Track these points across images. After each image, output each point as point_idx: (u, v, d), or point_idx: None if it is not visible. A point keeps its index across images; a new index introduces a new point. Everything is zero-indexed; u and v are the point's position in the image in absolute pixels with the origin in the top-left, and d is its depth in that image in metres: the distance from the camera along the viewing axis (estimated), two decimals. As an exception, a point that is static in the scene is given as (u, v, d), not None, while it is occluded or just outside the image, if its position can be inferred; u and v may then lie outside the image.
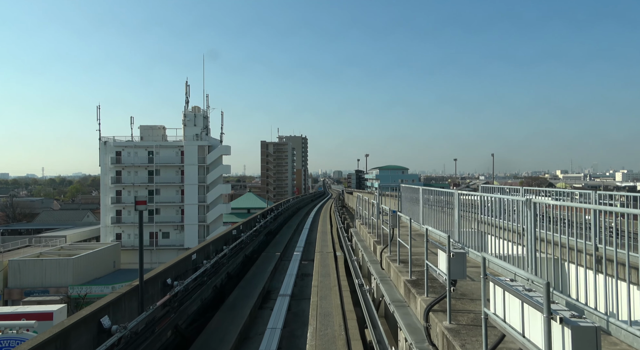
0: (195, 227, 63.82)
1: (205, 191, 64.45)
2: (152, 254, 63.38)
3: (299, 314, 11.55)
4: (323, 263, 17.06)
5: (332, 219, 32.66)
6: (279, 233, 29.68)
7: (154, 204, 63.57)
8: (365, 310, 9.41)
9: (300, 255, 21.40)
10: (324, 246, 21.57)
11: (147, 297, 9.89)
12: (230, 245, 16.99)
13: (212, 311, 11.89)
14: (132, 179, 63.66)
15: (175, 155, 64.71)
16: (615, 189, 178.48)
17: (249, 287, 13.51)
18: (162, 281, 10.69)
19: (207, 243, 15.81)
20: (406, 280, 7.32)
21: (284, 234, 28.53)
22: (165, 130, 67.62)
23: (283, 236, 27.84)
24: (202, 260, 14.28)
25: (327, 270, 15.39)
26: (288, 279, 15.34)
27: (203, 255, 14.73)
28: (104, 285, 52.13)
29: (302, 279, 16.49)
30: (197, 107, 66.29)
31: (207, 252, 15.30)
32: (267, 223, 27.31)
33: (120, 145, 63.85)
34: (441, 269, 5.88)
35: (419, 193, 14.11)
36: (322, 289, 12.32)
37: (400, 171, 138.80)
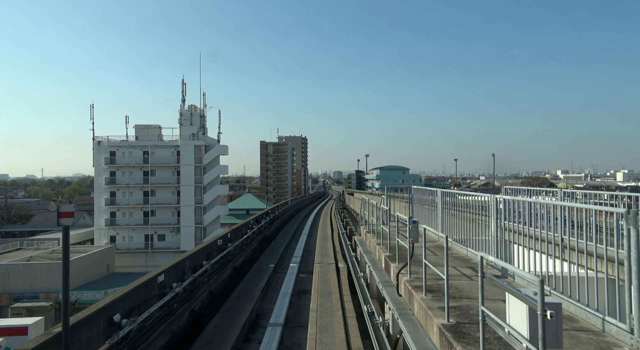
0: (191, 229, 61.62)
1: (202, 192, 62.24)
2: (148, 257, 61.20)
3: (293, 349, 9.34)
4: (323, 278, 14.69)
5: (333, 222, 31.18)
6: (275, 239, 27.04)
7: (149, 205, 61.38)
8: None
9: (298, 267, 18.96)
10: (324, 256, 19.15)
11: (77, 348, 6.51)
12: (214, 259, 14.53)
13: (186, 345, 9.56)
14: (126, 179, 61.45)
15: (171, 155, 62.49)
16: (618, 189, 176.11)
17: (233, 312, 11.17)
18: (106, 319, 7.65)
19: (182, 259, 13.07)
20: (442, 325, 5.09)
21: (281, 241, 26.10)
22: (161, 129, 65.42)
23: (279, 243, 25.30)
24: (175, 281, 11.89)
25: (328, 288, 13.02)
26: (282, 299, 12.91)
27: (176, 275, 12.21)
28: (96, 290, 49.96)
29: (298, 298, 14.10)
30: (193, 105, 64.08)
31: (182, 271, 12.74)
32: (262, 228, 24.92)
33: (115, 145, 61.64)
34: (516, 327, 3.49)
35: (437, 196, 11.86)
36: (322, 314, 10.05)
37: (401, 171, 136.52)
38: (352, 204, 52.22)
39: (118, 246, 61.03)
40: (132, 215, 61.67)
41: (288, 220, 40.00)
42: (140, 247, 61.22)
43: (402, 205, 19.20)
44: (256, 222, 22.85)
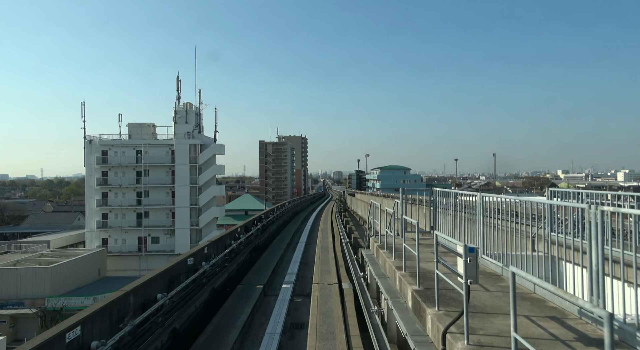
0: (186, 232, 58.73)
1: (198, 193, 59.34)
2: (141, 260, 58.35)
3: None
4: (324, 307, 11.31)
5: (334, 227, 27.87)
6: (268, 249, 23.46)
7: (142, 206, 58.49)
8: None
9: (292, 288, 15.42)
10: (324, 272, 15.94)
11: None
12: (179, 286, 10.98)
13: None
14: (119, 180, 58.55)
15: (166, 154, 59.59)
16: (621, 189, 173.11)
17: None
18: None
19: (122, 294, 8.99)
20: None
21: (274, 251, 22.36)
22: (155, 128, 62.54)
23: (272, 254, 21.56)
24: (106, 330, 7.88)
25: (330, 324, 9.74)
26: (268, 341, 9.79)
27: (108, 321, 8.17)
28: (85, 296, 47.10)
29: (291, 337, 10.85)
30: (188, 103, 61.19)
31: (122, 310, 8.67)
32: (252, 238, 21.29)
33: (107, 144, 58.74)
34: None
35: (476, 201, 8.91)
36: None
37: (402, 171, 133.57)
38: (353, 206, 49.13)
39: (110, 249, 58.27)
40: (124, 217, 58.80)
41: (285, 224, 36.70)
42: (133, 250, 58.36)
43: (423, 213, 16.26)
44: (245, 230, 19.78)
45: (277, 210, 34.03)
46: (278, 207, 36.39)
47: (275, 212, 32.82)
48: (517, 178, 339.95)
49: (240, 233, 18.99)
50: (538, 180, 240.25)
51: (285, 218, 37.57)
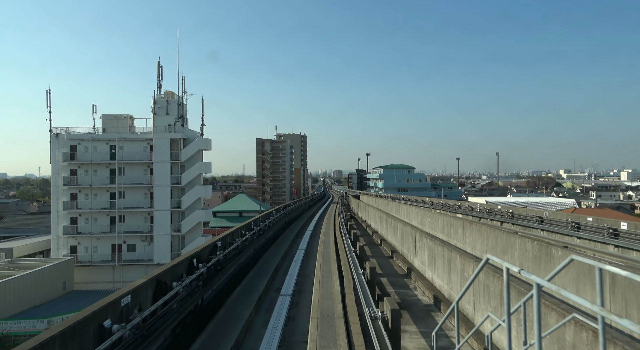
0: (167, 238, 50.45)
1: (180, 194, 51.01)
2: (115, 271, 50.04)
3: None
4: None
5: (339, 246, 17.75)
6: (225, 306, 12.16)
7: (116, 209, 50.17)
8: None
9: None
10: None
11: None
12: None
13: None
14: (89, 179, 50.26)
15: (144, 150, 51.25)
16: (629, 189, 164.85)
17: None
18: None
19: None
20: None
21: (238, 307, 11.88)
22: (133, 120, 54.21)
23: (233, 318, 10.95)
24: None
25: None
26: None
27: None
28: (38, 318, 38.69)
29: None
30: (170, 92, 52.84)
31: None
32: (208, 277, 11.41)
33: (75, 138, 50.40)
34: None
35: None
36: None
37: (406, 170, 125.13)
38: (360, 212, 40.49)
39: (79, 258, 50.03)
40: (96, 222, 50.52)
41: (272, 240, 24.78)
42: (106, 259, 50.11)
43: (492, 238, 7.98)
44: (196, 264, 10.89)
45: (265, 219, 23.10)
46: (265, 216, 25.04)
47: (260, 223, 21.65)
48: (518, 177, 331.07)
49: (184, 274, 10.11)
50: (542, 180, 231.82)
51: (272, 233, 25.57)
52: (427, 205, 42.01)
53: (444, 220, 18.38)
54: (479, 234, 13.72)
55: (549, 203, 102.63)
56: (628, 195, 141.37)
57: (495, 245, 12.16)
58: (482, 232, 13.42)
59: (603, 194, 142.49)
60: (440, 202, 39.77)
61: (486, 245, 13.01)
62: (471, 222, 15.18)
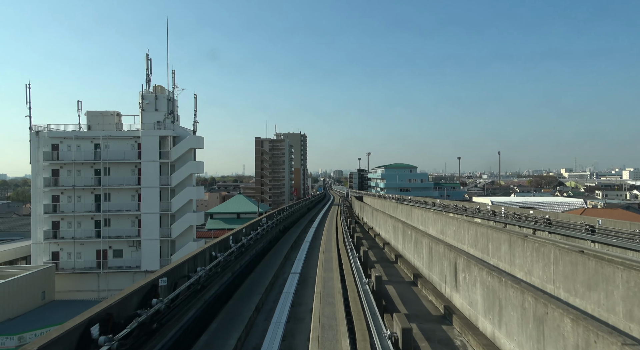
0: (156, 243, 46.49)
1: (170, 196, 47.05)
2: (100, 278, 46.10)
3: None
4: None
5: (345, 268, 13.91)
6: None
7: (101, 212, 46.20)
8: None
9: None
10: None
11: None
12: None
13: None
14: (72, 180, 46.30)
15: (131, 148, 47.30)
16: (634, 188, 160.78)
17: None
18: None
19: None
20: None
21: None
22: (120, 117, 50.24)
23: None
24: None
25: None
26: None
27: None
28: (7, 335, 34.88)
29: None
30: (159, 86, 48.90)
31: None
32: None
33: (57, 136, 46.45)
34: None
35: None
36: None
37: (408, 170, 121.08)
38: (365, 217, 36.08)
39: (62, 265, 46.15)
40: (80, 226, 46.58)
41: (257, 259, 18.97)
42: (91, 266, 46.17)
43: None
44: None
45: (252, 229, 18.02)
46: (252, 225, 20.29)
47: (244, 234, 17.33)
48: (519, 177, 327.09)
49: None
50: (544, 179, 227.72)
51: (265, 242, 21.35)
52: (437, 207, 37.87)
53: (476, 230, 14.37)
54: (539, 255, 9.79)
55: (556, 203, 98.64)
56: (634, 195, 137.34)
57: (572, 276, 8.23)
58: (545, 253, 9.49)
59: (609, 194, 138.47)
60: (454, 204, 35.64)
61: (553, 273, 9.06)
62: (524, 236, 11.23)
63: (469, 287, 8.33)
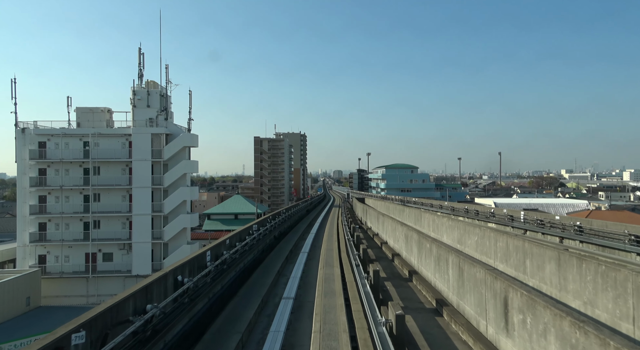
0: (147, 246, 44.02)
1: (162, 197, 44.58)
2: (89, 283, 43.61)
3: None
4: None
5: (350, 291, 11.43)
6: None
7: (90, 214, 43.71)
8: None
9: None
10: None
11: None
12: None
13: None
14: (60, 179, 43.82)
15: (121, 147, 44.83)
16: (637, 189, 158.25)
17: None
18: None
19: None
20: None
21: None
22: (111, 114, 47.78)
23: None
24: None
25: None
26: None
27: None
28: (-16, 346, 32.37)
29: None
30: (152, 81, 46.42)
31: None
32: None
33: (45, 133, 43.98)
34: None
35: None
36: None
37: (410, 170, 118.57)
38: (370, 221, 33.13)
39: (48, 269, 43.68)
40: (67, 228, 44.12)
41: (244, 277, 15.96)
42: (79, 270, 43.69)
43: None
44: None
45: (214, 257, 13.33)
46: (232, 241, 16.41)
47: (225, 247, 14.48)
48: (520, 177, 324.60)
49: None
50: (545, 180, 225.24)
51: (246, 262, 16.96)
52: (445, 210, 35.31)
53: (508, 242, 11.78)
54: (607, 281, 7.35)
55: (560, 204, 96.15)
56: (638, 196, 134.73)
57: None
58: (619, 281, 7.02)
59: (612, 195, 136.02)
60: (464, 207, 32.98)
61: (633, 309, 6.66)
62: (578, 254, 8.77)
63: (532, 335, 5.87)
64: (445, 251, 10.83)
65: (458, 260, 9.57)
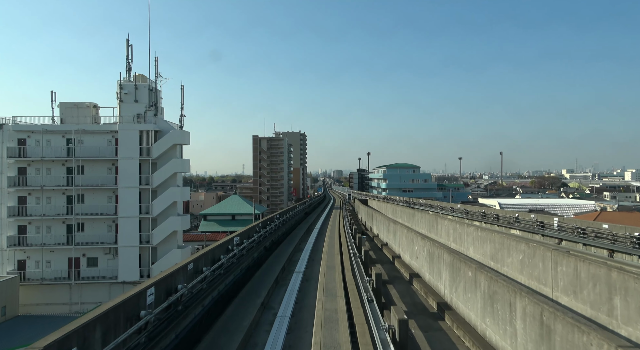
0: (134, 251, 40.77)
1: (151, 198, 41.31)
2: (73, 290, 40.34)
3: None
4: None
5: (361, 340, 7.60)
6: None
7: (73, 216, 40.43)
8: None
9: None
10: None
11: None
12: None
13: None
14: (41, 179, 40.55)
15: (107, 144, 41.56)
16: None
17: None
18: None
19: None
20: None
21: None
22: (98, 109, 44.53)
23: None
24: None
25: None
26: None
27: None
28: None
29: None
30: (140, 75, 43.16)
31: None
32: None
33: (24, 129, 40.74)
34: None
35: None
36: None
37: (411, 170, 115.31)
38: (376, 228, 29.30)
39: (28, 275, 40.49)
40: (49, 231, 40.89)
41: (210, 317, 11.38)
42: (62, 276, 40.50)
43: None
44: None
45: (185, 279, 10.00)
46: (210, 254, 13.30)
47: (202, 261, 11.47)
48: (521, 177, 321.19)
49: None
50: (546, 180, 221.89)
51: (218, 291, 12.99)
52: (458, 214, 31.88)
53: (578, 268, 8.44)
54: None
55: (567, 205, 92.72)
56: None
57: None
58: None
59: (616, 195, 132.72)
60: (481, 211, 29.53)
61: None
62: None
63: None
64: (505, 289, 7.21)
65: (537, 310, 6.04)
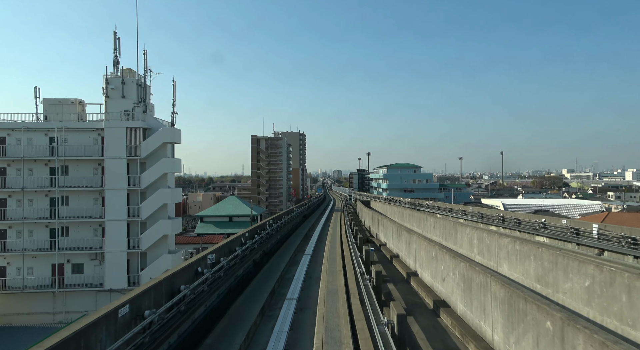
0: (122, 256, 38.01)
1: (139, 199, 38.56)
2: (56, 298, 37.59)
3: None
4: None
5: None
6: None
7: (57, 219, 37.67)
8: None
9: None
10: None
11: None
12: None
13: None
14: (22, 180, 37.81)
15: (93, 143, 38.83)
16: None
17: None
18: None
19: None
20: None
21: None
22: (84, 106, 41.88)
23: None
24: None
25: None
26: None
27: None
28: None
29: None
30: (128, 69, 40.45)
31: None
32: None
33: (4, 127, 38.01)
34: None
35: None
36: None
37: (412, 170, 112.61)
38: (383, 235, 25.09)
39: (9, 283, 37.83)
40: (31, 235, 38.15)
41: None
42: (45, 284, 37.79)
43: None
44: None
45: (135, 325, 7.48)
46: (174, 284, 10.30)
47: None
48: (520, 177, 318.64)
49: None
50: (547, 179, 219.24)
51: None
52: (471, 217, 29.10)
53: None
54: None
55: (572, 206, 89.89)
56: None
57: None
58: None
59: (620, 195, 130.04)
60: (499, 215, 26.55)
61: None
62: None
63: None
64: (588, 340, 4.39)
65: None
